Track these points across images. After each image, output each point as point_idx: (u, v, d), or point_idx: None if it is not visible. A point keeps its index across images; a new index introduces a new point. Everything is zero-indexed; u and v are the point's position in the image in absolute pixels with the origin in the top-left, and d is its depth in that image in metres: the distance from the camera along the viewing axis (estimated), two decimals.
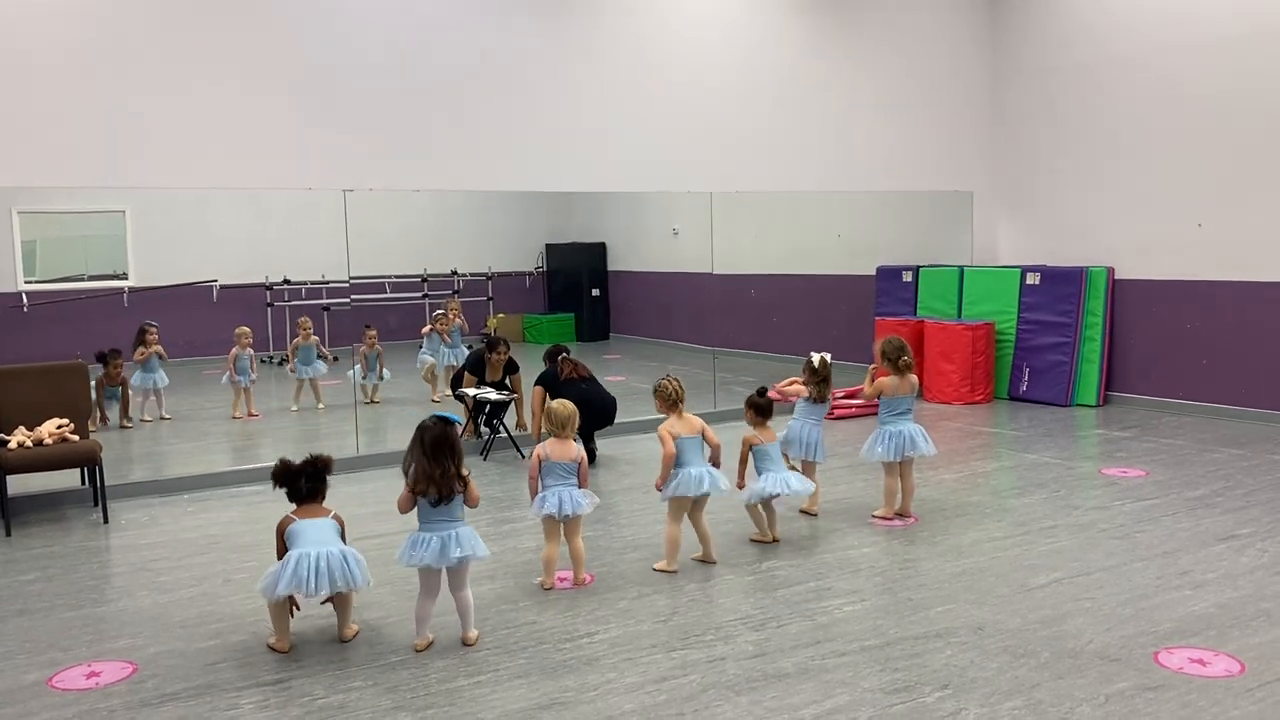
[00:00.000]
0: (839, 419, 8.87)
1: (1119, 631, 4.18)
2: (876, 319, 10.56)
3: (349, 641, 4.24)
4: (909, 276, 10.76)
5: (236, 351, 9.20)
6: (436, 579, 4.17)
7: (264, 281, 10.72)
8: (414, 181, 8.12)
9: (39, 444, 6.13)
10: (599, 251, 13.34)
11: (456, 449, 4.12)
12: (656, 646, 4.13)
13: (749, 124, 9.40)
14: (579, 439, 4.92)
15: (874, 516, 5.89)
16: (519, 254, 13.06)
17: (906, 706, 3.57)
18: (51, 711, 3.69)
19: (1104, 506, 6.09)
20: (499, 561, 5.11)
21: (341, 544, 4.14)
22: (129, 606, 4.75)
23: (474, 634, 4.21)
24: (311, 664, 4.04)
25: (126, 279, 10.02)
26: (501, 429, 7.95)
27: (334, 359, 10.76)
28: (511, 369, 8.21)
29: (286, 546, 4.10)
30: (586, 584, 4.87)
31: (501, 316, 11.23)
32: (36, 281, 9.44)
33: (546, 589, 4.80)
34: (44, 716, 3.65)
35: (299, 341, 9.55)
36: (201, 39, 7.21)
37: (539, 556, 5.03)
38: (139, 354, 8.85)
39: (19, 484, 6.28)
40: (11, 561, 5.45)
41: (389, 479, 7.07)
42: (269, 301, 10.74)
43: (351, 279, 8.26)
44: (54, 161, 6.82)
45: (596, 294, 13.27)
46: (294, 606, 4.25)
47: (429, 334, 10.12)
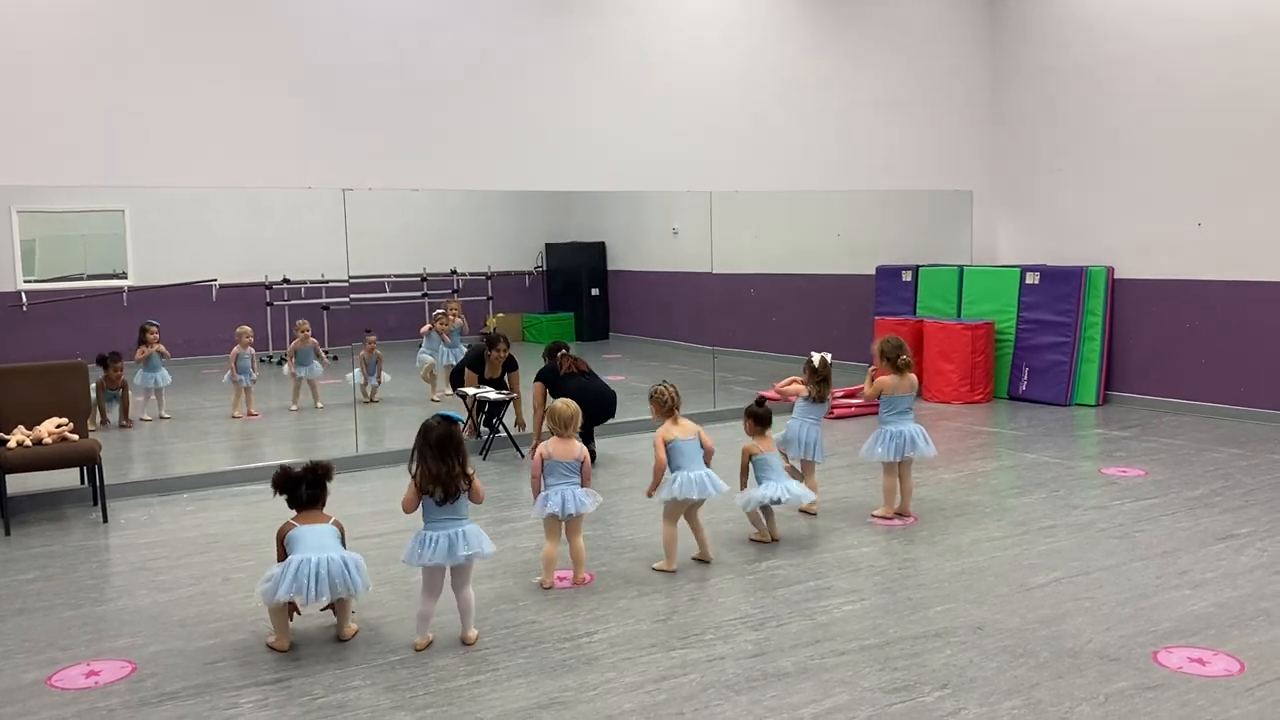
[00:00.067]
0: (838, 418, 8.88)
1: (1118, 631, 4.18)
2: (876, 318, 10.56)
3: (348, 641, 4.24)
4: (908, 276, 10.76)
5: (237, 351, 9.20)
6: (440, 578, 4.17)
7: (263, 281, 10.73)
8: (413, 181, 8.12)
9: (38, 443, 6.13)
10: (598, 251, 13.34)
11: (461, 448, 4.13)
12: (656, 646, 4.13)
13: (749, 123, 9.40)
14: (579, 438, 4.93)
15: (873, 516, 5.89)
16: (518, 253, 13.06)
17: (906, 706, 3.57)
18: (51, 710, 3.69)
19: (1103, 506, 6.09)
20: (498, 561, 5.10)
21: (342, 550, 4.14)
22: (128, 606, 4.75)
23: (474, 633, 4.21)
24: (311, 663, 4.04)
25: (126, 278, 10.01)
26: (501, 428, 7.95)
27: (334, 358, 10.77)
28: (510, 366, 8.23)
29: (287, 553, 4.10)
30: (586, 583, 4.87)
31: (501, 316, 11.23)
32: (36, 281, 9.43)
33: (546, 588, 4.80)
34: (43, 715, 3.65)
35: (297, 344, 9.55)
36: (201, 39, 7.21)
37: (539, 555, 5.04)
38: (139, 354, 8.85)
39: (18, 483, 6.27)
40: (11, 561, 5.45)
41: (388, 478, 7.08)
42: (268, 301, 10.74)
43: (351, 278, 8.26)
44: (53, 161, 6.82)
45: (596, 293, 13.27)
46: (294, 610, 4.25)
47: (428, 333, 10.12)
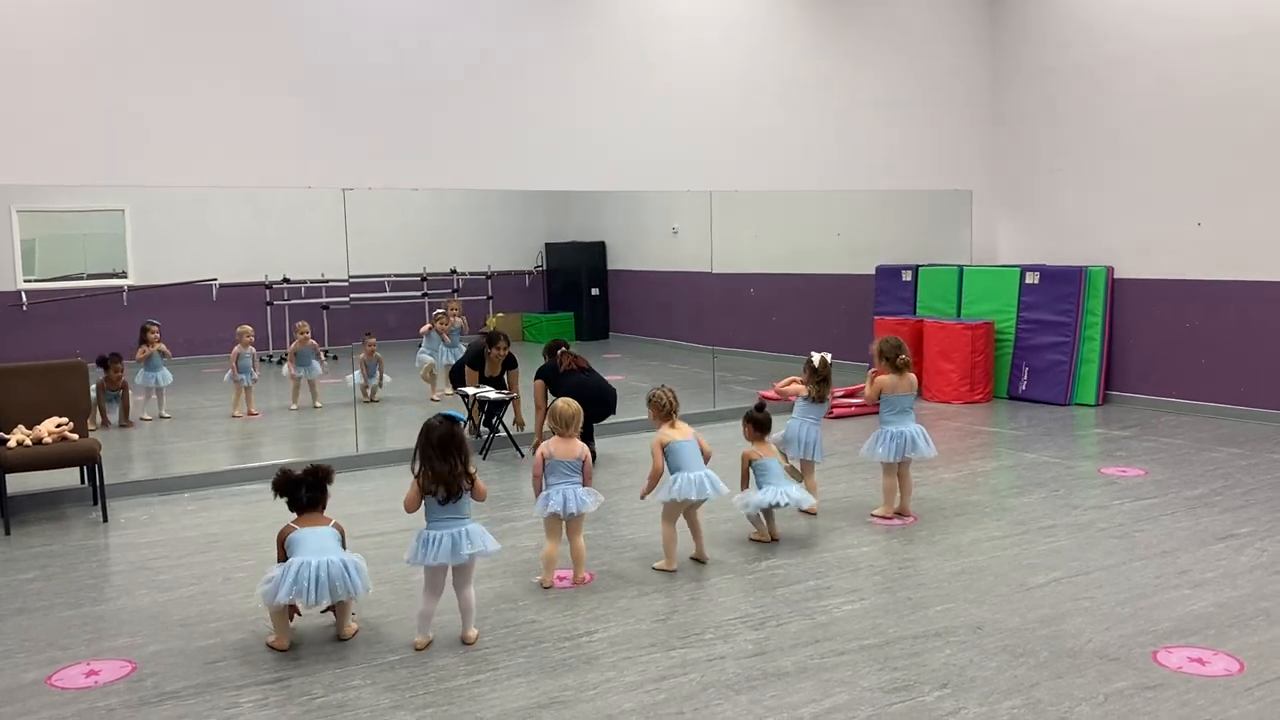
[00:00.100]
0: (838, 418, 8.88)
1: (1118, 631, 4.18)
2: (876, 318, 10.56)
3: (348, 640, 4.24)
4: (908, 276, 10.76)
5: (239, 350, 9.20)
6: (442, 577, 4.17)
7: (263, 280, 10.73)
8: (413, 180, 8.12)
9: (38, 442, 6.13)
10: (598, 250, 13.34)
11: (463, 447, 4.14)
12: (656, 645, 4.13)
13: (749, 123, 9.40)
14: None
15: (873, 515, 5.90)
16: (518, 253, 13.06)
17: (905, 705, 3.57)
18: (51, 710, 3.69)
19: (1103, 506, 6.09)
20: (498, 560, 5.10)
21: (342, 552, 4.14)
22: (128, 605, 4.75)
23: (474, 633, 4.21)
24: (311, 662, 4.04)
25: (126, 278, 10.02)
26: (501, 428, 7.95)
27: (333, 358, 10.77)
28: (510, 364, 8.25)
29: (288, 555, 4.11)
30: (586, 583, 4.87)
31: (501, 316, 11.22)
32: (36, 280, 9.43)
33: (546, 587, 4.81)
34: (43, 715, 3.65)
35: (297, 345, 9.55)
36: (201, 39, 7.20)
37: (539, 555, 5.04)
38: (140, 353, 8.85)
39: (18, 483, 6.27)
40: (11, 560, 5.45)
41: (388, 478, 7.09)
42: (268, 300, 10.74)
43: (351, 278, 8.26)
44: (53, 160, 6.81)
45: (596, 293, 13.27)
46: (294, 612, 4.25)
47: (428, 333, 10.12)
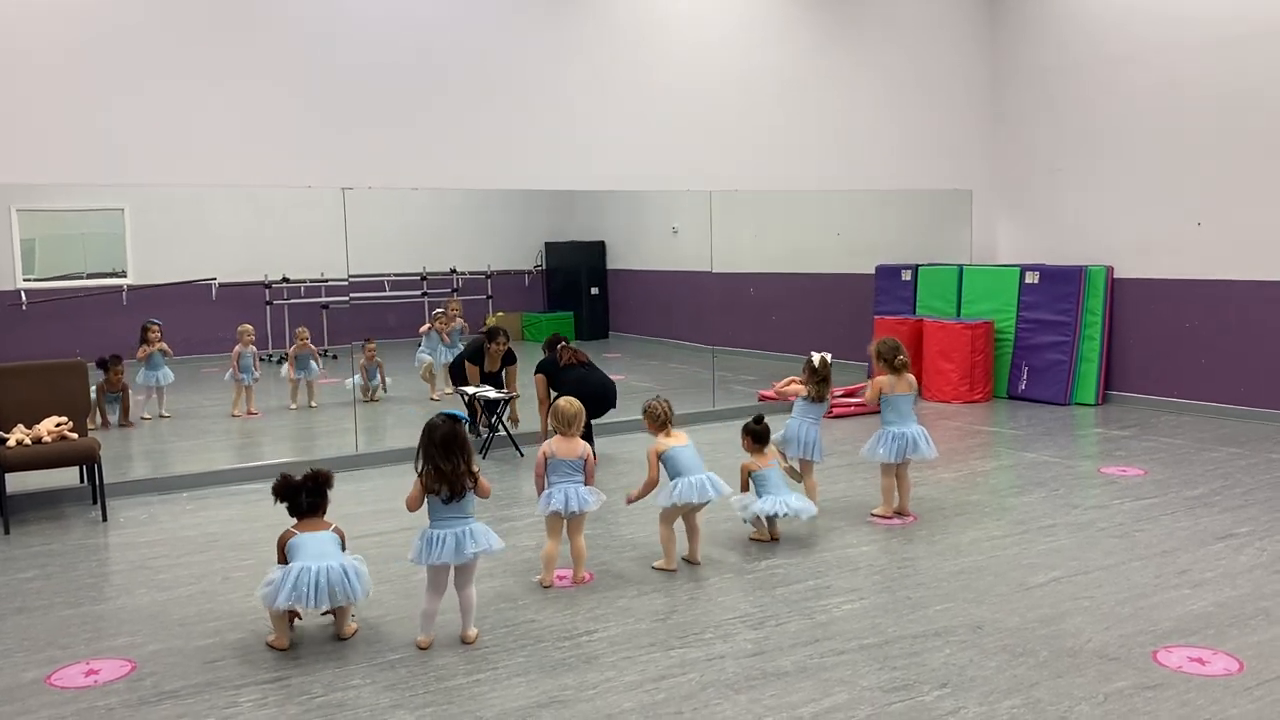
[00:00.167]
0: (837, 418, 8.88)
1: (1118, 630, 4.18)
2: (875, 318, 10.56)
3: (348, 639, 4.24)
4: (908, 275, 10.76)
5: (239, 349, 9.19)
6: (445, 576, 4.17)
7: (263, 280, 10.72)
8: (413, 180, 8.11)
9: (38, 442, 6.13)
10: (598, 250, 13.35)
11: (466, 446, 4.14)
12: (655, 645, 4.13)
13: (748, 123, 9.40)
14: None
15: (872, 515, 5.89)
16: (518, 252, 13.07)
17: (905, 705, 3.57)
18: (50, 709, 3.69)
19: (1103, 505, 6.09)
20: (498, 559, 5.10)
21: (342, 557, 4.13)
22: (128, 604, 4.75)
23: (473, 632, 4.21)
24: (310, 662, 4.04)
25: (125, 277, 10.01)
26: (500, 427, 7.95)
27: (333, 357, 10.77)
28: (510, 360, 8.28)
29: (288, 560, 4.11)
30: (586, 582, 4.87)
31: (501, 315, 11.24)
32: (35, 279, 9.43)
33: (546, 586, 4.80)
34: (43, 714, 3.65)
35: (296, 349, 9.55)
36: (201, 38, 7.20)
37: (538, 554, 5.04)
38: (141, 352, 8.85)
39: (17, 482, 6.27)
40: (10, 559, 5.45)
41: (388, 477, 7.09)
42: (268, 300, 10.74)
43: (350, 277, 8.26)
44: (53, 159, 6.81)
45: (596, 292, 13.28)
46: (295, 616, 4.25)
47: (427, 333, 10.12)
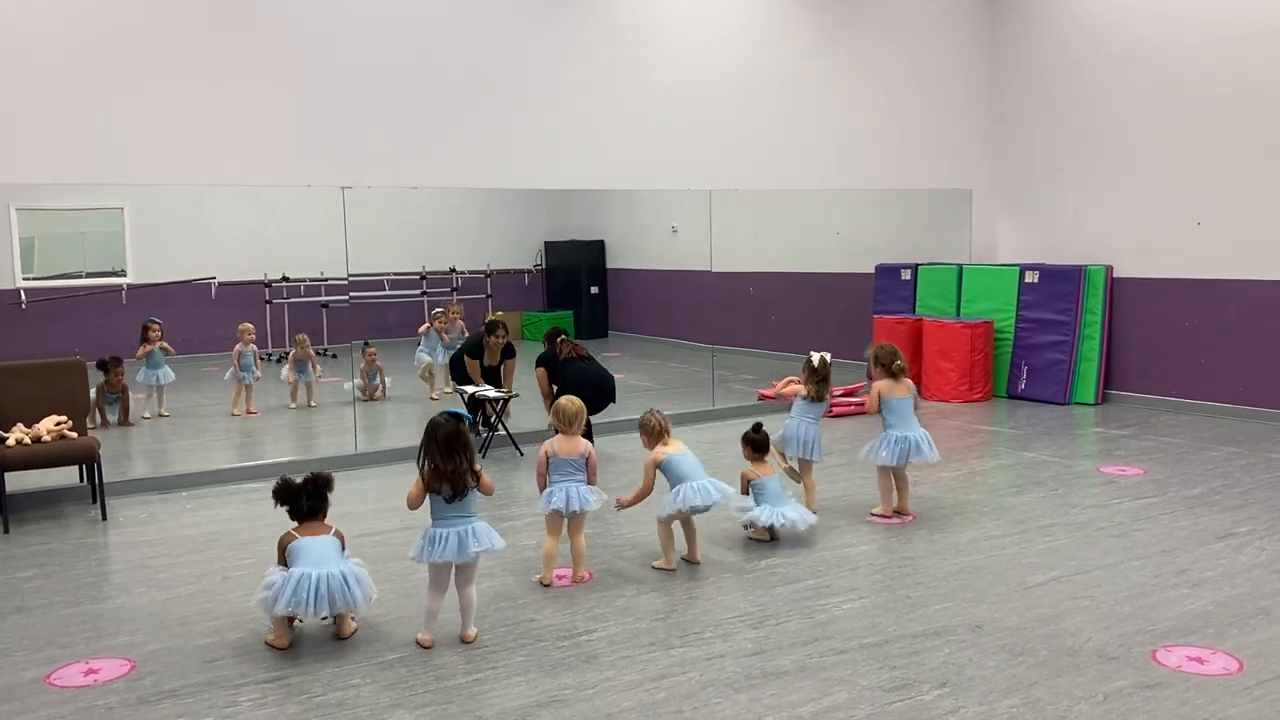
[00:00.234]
0: (837, 417, 8.88)
1: (1117, 630, 4.18)
2: (875, 317, 10.57)
3: (347, 639, 4.23)
4: (908, 275, 10.76)
5: (240, 348, 9.19)
6: (447, 575, 4.17)
7: (263, 279, 10.72)
8: (413, 179, 8.11)
9: (37, 441, 6.13)
10: (598, 249, 13.35)
11: (469, 445, 4.14)
12: (655, 644, 4.13)
13: (748, 122, 9.40)
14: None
15: (872, 514, 5.89)
16: (518, 251, 13.08)
17: (905, 704, 3.57)
18: (50, 709, 3.69)
19: (1102, 505, 6.09)
20: (498, 558, 5.10)
21: (343, 564, 4.13)
22: (127, 604, 4.74)
23: (473, 631, 4.21)
24: (310, 661, 4.04)
25: (125, 276, 10.02)
26: (500, 426, 7.96)
27: (333, 357, 10.77)
28: (509, 353, 8.30)
29: (287, 563, 4.10)
30: (585, 581, 4.87)
31: (500, 314, 11.23)
32: (35, 278, 9.43)
33: (545, 585, 4.80)
34: (42, 714, 3.65)
35: (296, 354, 9.55)
36: (201, 38, 7.20)
37: (538, 553, 5.04)
38: (141, 351, 8.84)
39: (17, 481, 6.27)
40: (10, 559, 5.45)
41: (387, 476, 7.09)
42: (267, 299, 10.74)
43: (350, 276, 8.26)
44: (53, 158, 6.81)
45: (595, 292, 13.29)
46: (294, 618, 4.24)
47: (426, 333, 10.11)
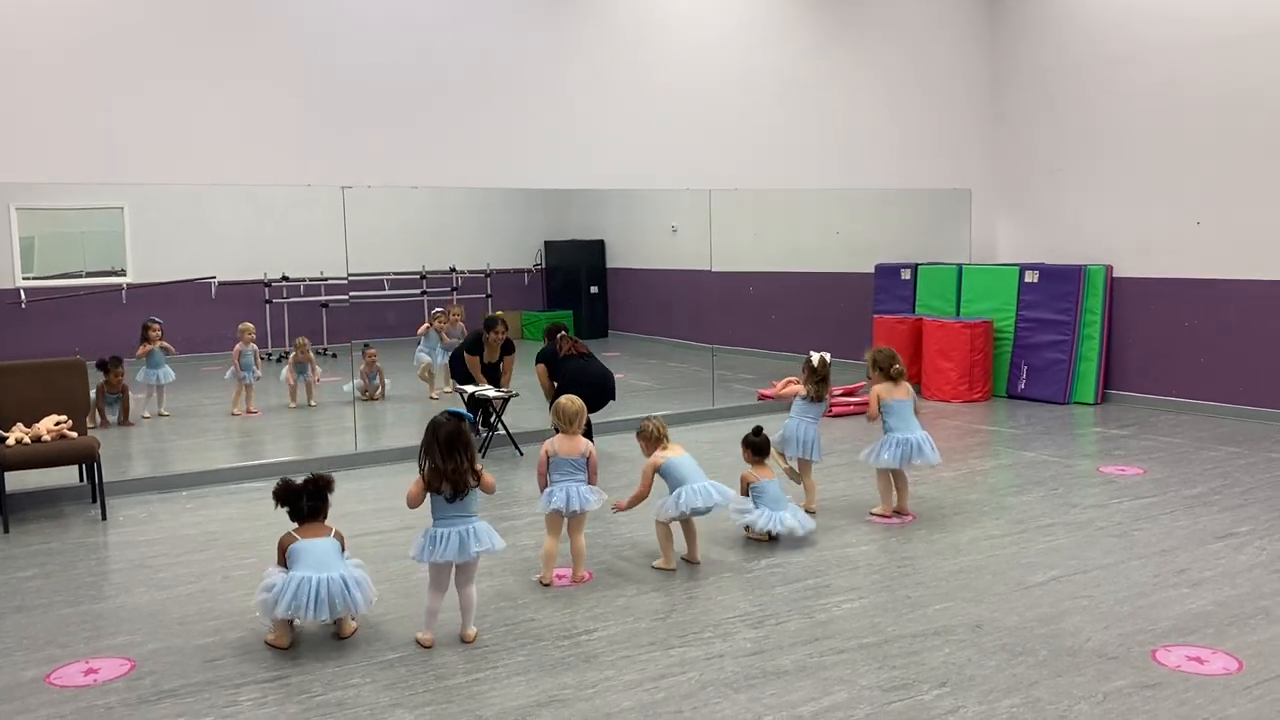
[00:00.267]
0: (836, 417, 8.88)
1: (1117, 629, 4.18)
2: (875, 317, 10.57)
3: (347, 638, 4.23)
4: (907, 274, 10.76)
5: (240, 348, 9.19)
6: (447, 574, 4.17)
7: (263, 278, 10.72)
8: (413, 178, 8.11)
9: (37, 440, 6.13)
10: (598, 249, 13.35)
11: (470, 444, 4.14)
12: (655, 644, 4.13)
13: (748, 122, 9.40)
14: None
15: (871, 514, 5.90)
16: (518, 251, 13.08)
17: (904, 704, 3.57)
18: (50, 708, 3.69)
19: (1102, 504, 6.09)
20: (498, 558, 5.10)
21: (343, 568, 4.12)
22: (127, 603, 4.74)
23: (473, 631, 4.21)
24: (310, 660, 4.04)
25: (125, 275, 10.01)
26: (500, 426, 7.96)
27: (332, 356, 10.77)
28: (508, 349, 8.31)
29: (287, 565, 4.10)
30: (585, 581, 4.87)
31: (500, 314, 11.24)
32: (34, 278, 9.43)
33: (545, 585, 4.81)
34: (42, 713, 3.65)
35: (296, 357, 9.56)
36: (201, 37, 7.19)
37: (538, 553, 5.04)
38: (141, 351, 8.84)
39: (17, 481, 6.27)
40: (10, 558, 5.45)
41: (387, 476, 7.09)
42: (267, 298, 10.74)
43: (350, 276, 8.26)
44: (53, 158, 6.81)
45: (595, 291, 13.29)
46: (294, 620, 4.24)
47: (425, 333, 10.11)
